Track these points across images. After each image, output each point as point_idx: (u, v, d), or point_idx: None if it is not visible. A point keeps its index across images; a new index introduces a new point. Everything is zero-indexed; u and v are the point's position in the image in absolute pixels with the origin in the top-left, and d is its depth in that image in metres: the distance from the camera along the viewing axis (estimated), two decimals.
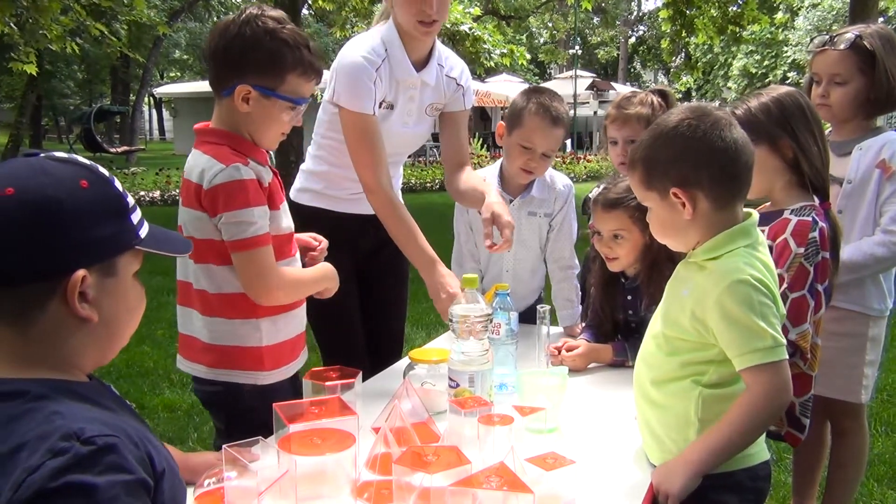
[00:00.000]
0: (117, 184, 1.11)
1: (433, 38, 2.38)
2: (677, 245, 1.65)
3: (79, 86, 34.65)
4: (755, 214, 1.61)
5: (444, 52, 2.46)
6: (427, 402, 1.68)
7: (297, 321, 1.96)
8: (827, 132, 2.47)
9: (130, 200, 1.12)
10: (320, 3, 13.43)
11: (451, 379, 1.71)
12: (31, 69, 9.26)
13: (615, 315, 2.34)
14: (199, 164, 1.78)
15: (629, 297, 2.31)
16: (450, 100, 2.48)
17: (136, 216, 1.13)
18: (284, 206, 1.92)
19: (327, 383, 1.62)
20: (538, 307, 2.11)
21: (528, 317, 2.49)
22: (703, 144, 1.53)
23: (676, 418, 1.56)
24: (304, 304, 2.00)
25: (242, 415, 1.87)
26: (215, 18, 31.40)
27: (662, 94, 2.64)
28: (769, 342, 1.47)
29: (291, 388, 1.94)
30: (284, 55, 1.78)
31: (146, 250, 1.15)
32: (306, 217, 2.37)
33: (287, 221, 1.92)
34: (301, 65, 1.80)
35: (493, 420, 1.46)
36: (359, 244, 2.54)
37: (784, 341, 1.49)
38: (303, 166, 2.57)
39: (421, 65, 2.36)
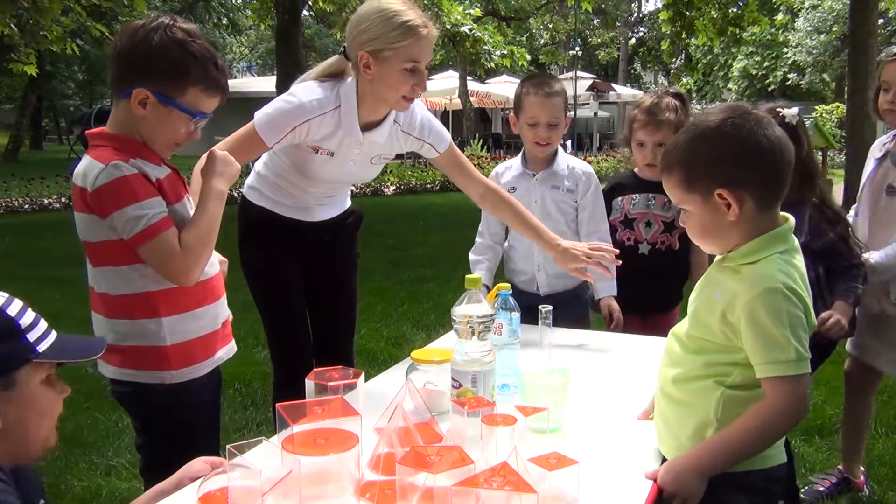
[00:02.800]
0: (11, 308, 1.25)
1: None
2: (715, 248, 1.63)
3: (79, 87, 34.67)
4: (792, 219, 1.60)
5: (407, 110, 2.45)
6: (430, 402, 1.68)
7: (210, 318, 1.95)
8: (891, 136, 2.57)
9: (27, 320, 1.26)
10: (321, 4, 13.44)
11: (453, 379, 1.71)
12: (32, 70, 9.28)
13: None
14: (83, 168, 1.80)
15: None
16: (417, 150, 2.56)
17: (34, 333, 1.26)
18: (185, 202, 1.92)
19: (330, 384, 1.62)
20: (540, 307, 2.11)
21: (565, 302, 2.75)
22: (749, 143, 1.51)
23: (696, 417, 1.56)
24: (223, 300, 2.01)
25: (157, 414, 1.91)
26: (216, 20, 31.43)
27: (680, 98, 2.87)
28: (791, 355, 1.46)
29: (210, 386, 1.97)
30: (189, 67, 1.78)
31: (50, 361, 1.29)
32: (253, 214, 2.63)
33: (189, 214, 1.91)
34: (204, 80, 1.81)
35: (496, 420, 1.46)
36: (304, 243, 2.68)
37: (808, 356, 1.48)
38: (256, 164, 2.68)
39: (371, 126, 2.39)
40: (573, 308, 2.84)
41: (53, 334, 1.31)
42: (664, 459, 1.61)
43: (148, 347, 1.85)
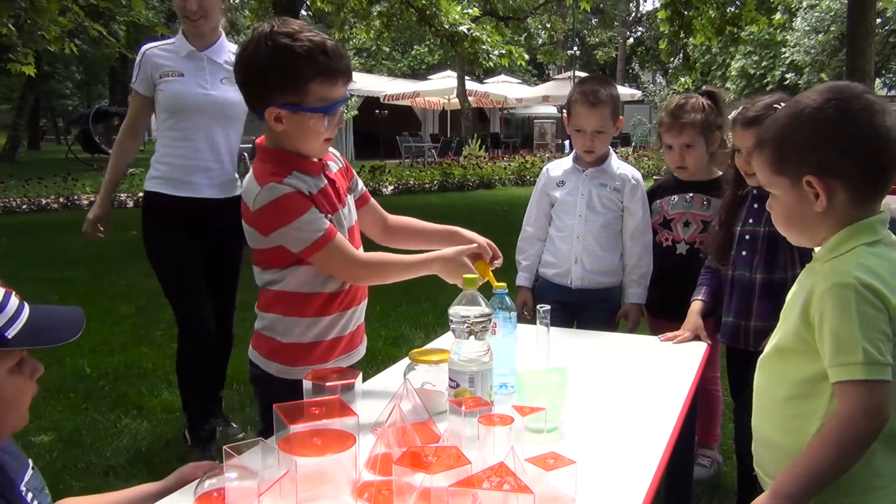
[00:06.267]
0: None
1: (206, 29, 3.19)
2: (801, 240, 1.52)
3: (77, 87, 34.70)
4: (887, 213, 1.46)
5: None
6: (427, 402, 1.67)
7: (326, 327, 1.98)
8: None
9: None
10: (319, 4, 13.43)
11: (451, 379, 1.71)
12: (30, 70, 9.28)
13: (733, 228, 2.53)
14: (246, 183, 1.90)
15: (755, 206, 2.48)
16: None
17: (2, 317, 1.13)
18: (339, 214, 1.97)
19: (327, 384, 1.62)
20: (538, 307, 2.11)
21: (595, 299, 2.88)
22: (851, 129, 1.38)
23: (795, 447, 1.44)
24: (355, 310, 2.04)
25: (270, 402, 1.92)
26: None
27: (711, 96, 2.92)
28: (859, 357, 1.33)
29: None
30: (301, 69, 1.76)
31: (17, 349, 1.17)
32: (156, 203, 3.22)
33: (344, 226, 1.98)
34: (320, 73, 1.78)
35: (493, 420, 1.46)
36: (206, 225, 3.21)
37: (884, 360, 1.33)
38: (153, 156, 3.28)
39: (204, 48, 3.20)
40: (603, 307, 2.92)
41: (25, 313, 1.17)
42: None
43: (270, 338, 1.98)
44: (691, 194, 2.91)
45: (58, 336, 1.22)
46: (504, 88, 26.71)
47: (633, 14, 42.97)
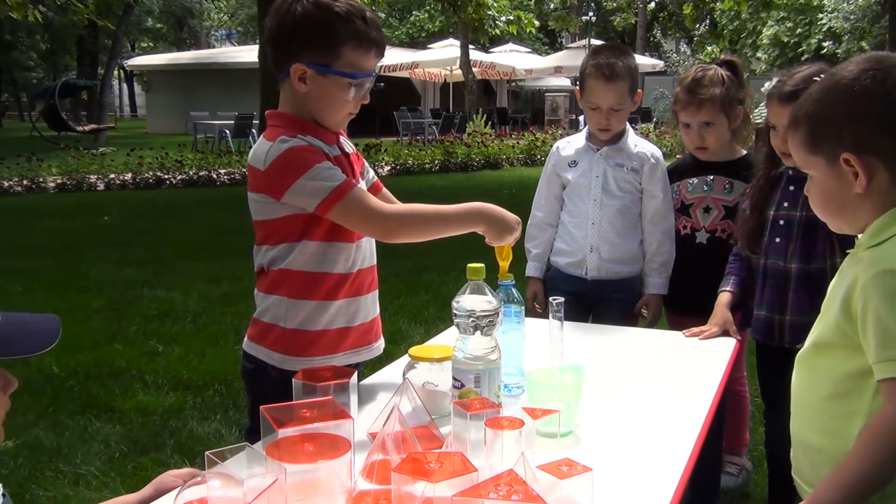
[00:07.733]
0: None
1: None
2: (842, 225, 1.53)
3: (42, 57, 34.63)
4: None
5: None
6: (429, 403, 1.68)
7: (340, 312, 1.98)
8: None
9: None
10: None
11: (455, 378, 1.71)
12: None
13: (766, 212, 2.52)
14: (256, 149, 1.92)
15: (791, 188, 2.47)
16: None
17: None
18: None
19: (319, 384, 1.62)
20: (550, 299, 2.11)
21: (614, 291, 2.87)
22: (890, 101, 1.39)
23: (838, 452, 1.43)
24: (366, 298, 2.04)
25: (263, 400, 1.93)
26: None
27: (731, 67, 2.87)
28: None
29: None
30: (336, 28, 1.83)
31: None
32: None
33: None
34: (356, 37, 1.85)
35: (502, 423, 1.46)
36: None
37: None
38: None
39: None
40: (621, 298, 2.91)
41: None
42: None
43: (272, 325, 1.97)
44: (712, 176, 2.90)
45: (29, 347, 1.23)
46: (512, 58, 26.66)
47: None
